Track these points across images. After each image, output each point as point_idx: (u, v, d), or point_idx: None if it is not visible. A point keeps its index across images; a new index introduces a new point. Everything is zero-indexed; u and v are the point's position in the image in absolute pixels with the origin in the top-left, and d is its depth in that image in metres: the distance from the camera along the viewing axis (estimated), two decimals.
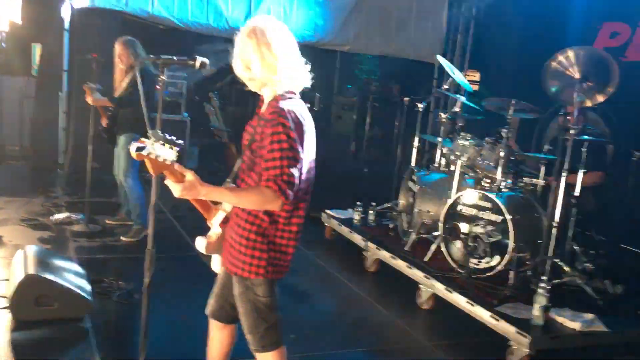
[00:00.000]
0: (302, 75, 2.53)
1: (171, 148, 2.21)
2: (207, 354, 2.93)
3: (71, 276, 4.08)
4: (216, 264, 2.72)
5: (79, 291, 3.91)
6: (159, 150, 2.19)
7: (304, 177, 2.47)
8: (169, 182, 2.27)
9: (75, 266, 4.49)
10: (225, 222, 2.63)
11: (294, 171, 2.35)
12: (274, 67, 2.42)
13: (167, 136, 2.24)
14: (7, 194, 6.63)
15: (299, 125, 2.41)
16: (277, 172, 2.32)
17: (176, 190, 2.27)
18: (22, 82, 8.78)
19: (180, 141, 2.27)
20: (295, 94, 2.53)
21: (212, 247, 2.61)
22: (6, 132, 8.79)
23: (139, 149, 2.20)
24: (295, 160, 2.36)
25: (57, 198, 6.81)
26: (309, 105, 2.58)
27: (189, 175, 2.27)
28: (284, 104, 2.41)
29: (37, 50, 8.65)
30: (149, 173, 2.34)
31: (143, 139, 2.24)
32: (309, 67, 2.55)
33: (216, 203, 2.62)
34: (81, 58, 6.26)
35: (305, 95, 2.58)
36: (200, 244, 2.59)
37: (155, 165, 2.23)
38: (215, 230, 2.63)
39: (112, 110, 5.58)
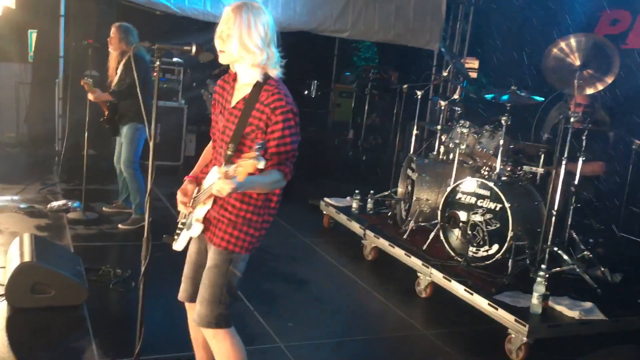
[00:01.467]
0: (275, 63, 2.48)
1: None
2: (193, 340, 2.91)
3: (68, 264, 4.06)
4: (181, 243, 2.70)
5: (75, 279, 3.89)
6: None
7: None
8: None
9: (71, 254, 4.47)
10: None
11: (296, 155, 2.46)
12: (248, 48, 2.38)
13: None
14: (3, 181, 6.59)
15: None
16: (289, 155, 2.42)
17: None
18: (18, 68, 8.72)
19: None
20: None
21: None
22: (2, 118, 8.72)
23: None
24: (298, 144, 2.46)
25: (54, 185, 6.77)
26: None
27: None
28: (284, 89, 2.45)
29: (33, 36, 8.57)
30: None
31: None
32: (282, 56, 2.50)
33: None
34: (77, 44, 6.19)
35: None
36: (197, 229, 2.63)
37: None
38: (205, 209, 2.62)
39: (112, 101, 5.53)
